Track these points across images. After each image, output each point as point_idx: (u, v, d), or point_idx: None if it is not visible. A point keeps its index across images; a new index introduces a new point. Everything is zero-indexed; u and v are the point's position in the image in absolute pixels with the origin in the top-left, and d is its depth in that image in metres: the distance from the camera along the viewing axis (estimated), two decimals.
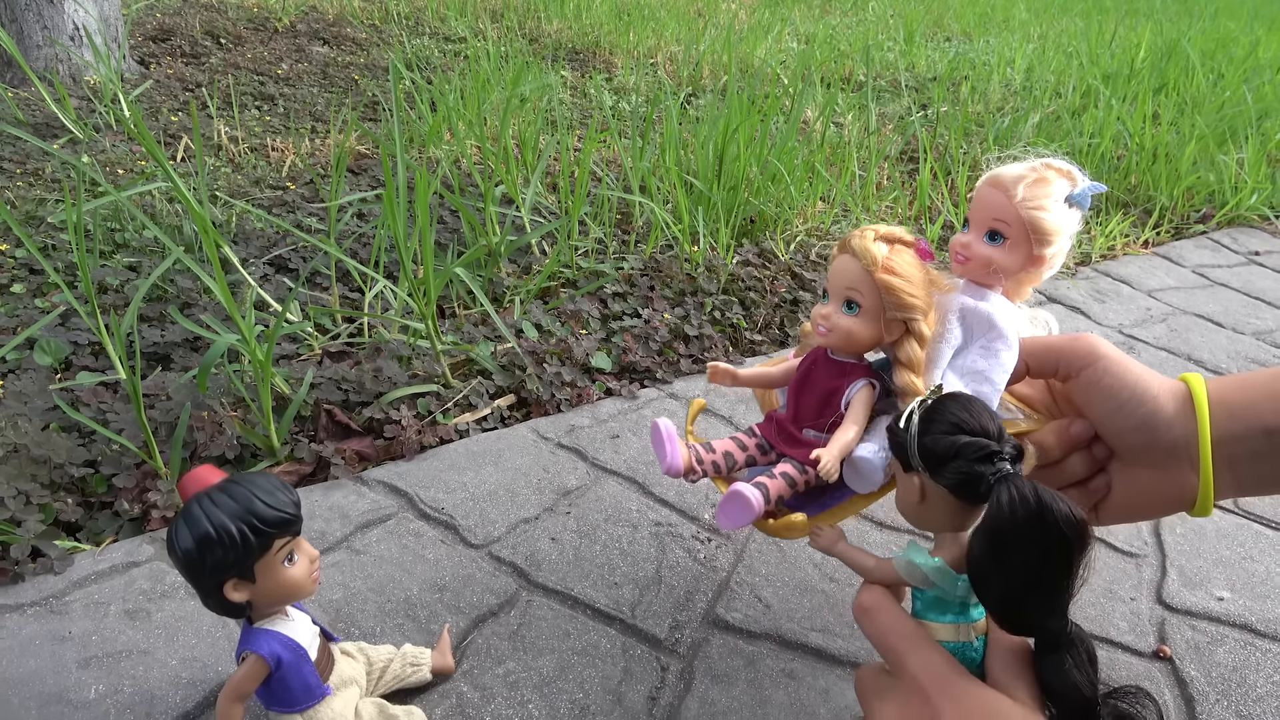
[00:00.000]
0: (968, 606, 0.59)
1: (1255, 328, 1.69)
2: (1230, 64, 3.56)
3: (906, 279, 0.66)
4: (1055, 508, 0.50)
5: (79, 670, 0.73)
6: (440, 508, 0.97)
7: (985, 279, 0.71)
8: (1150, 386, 0.63)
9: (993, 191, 0.69)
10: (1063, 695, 0.53)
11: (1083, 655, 0.54)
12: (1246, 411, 0.61)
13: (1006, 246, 0.69)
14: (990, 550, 0.52)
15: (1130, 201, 2.31)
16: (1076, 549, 0.50)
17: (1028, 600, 0.52)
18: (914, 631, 0.58)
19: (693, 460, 0.72)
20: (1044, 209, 0.68)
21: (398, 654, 0.74)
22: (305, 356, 1.25)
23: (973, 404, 0.57)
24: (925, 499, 0.58)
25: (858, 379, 0.69)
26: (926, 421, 0.57)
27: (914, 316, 0.67)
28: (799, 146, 1.93)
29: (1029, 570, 0.51)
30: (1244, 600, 0.95)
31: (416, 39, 3.35)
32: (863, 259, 0.65)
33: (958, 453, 0.54)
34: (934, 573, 0.58)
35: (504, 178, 1.64)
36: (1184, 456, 0.62)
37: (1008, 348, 0.68)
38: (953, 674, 0.55)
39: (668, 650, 0.81)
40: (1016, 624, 0.54)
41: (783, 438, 0.73)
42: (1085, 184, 0.70)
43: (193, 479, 0.60)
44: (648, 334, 1.35)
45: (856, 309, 0.67)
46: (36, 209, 1.61)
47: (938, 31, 4.85)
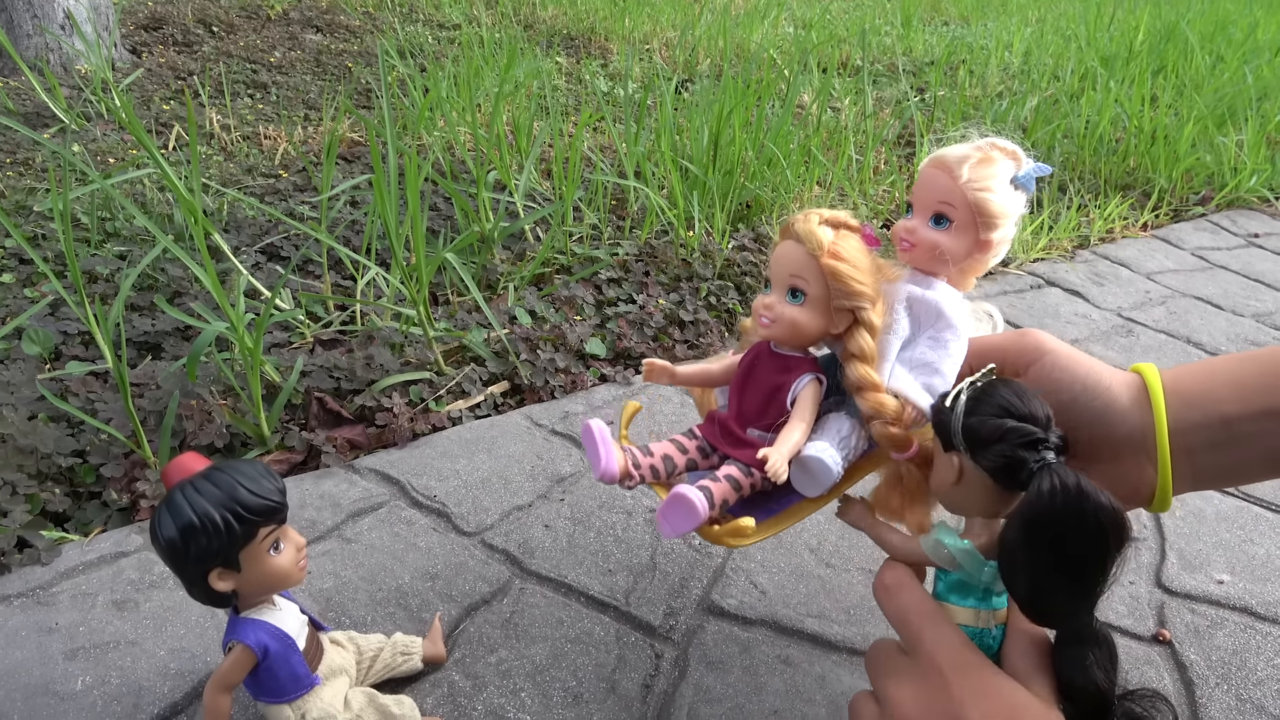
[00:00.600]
0: (991, 593, 0.57)
1: (1255, 310, 1.68)
2: (1229, 45, 3.54)
3: (854, 265, 0.62)
4: (1097, 500, 0.49)
5: (66, 661, 0.73)
6: (432, 495, 0.96)
7: (931, 266, 0.67)
8: (1102, 378, 0.61)
9: (937, 173, 0.65)
10: (1080, 691, 0.52)
11: (1105, 653, 0.52)
12: (1204, 400, 0.59)
13: (953, 230, 0.65)
14: (1025, 538, 0.50)
15: (1129, 184, 2.29)
16: (1114, 544, 0.49)
17: (1058, 592, 0.51)
18: (935, 611, 0.57)
19: (629, 464, 0.66)
20: (990, 190, 0.64)
21: (388, 643, 0.73)
22: (297, 344, 1.24)
23: (1025, 391, 0.55)
24: (962, 480, 0.56)
25: (803, 374, 0.66)
26: (974, 401, 0.55)
27: (862, 305, 0.63)
28: (795, 130, 1.91)
29: (1062, 561, 0.49)
30: (1244, 583, 0.94)
31: (410, 26, 3.33)
32: (808, 243, 0.62)
33: (1003, 436, 0.53)
34: (962, 555, 0.56)
35: (497, 164, 1.63)
36: (1140, 448, 0.60)
37: (956, 337, 0.65)
38: (971, 658, 0.54)
39: (662, 637, 0.81)
40: (1043, 615, 0.53)
41: (725, 438, 0.69)
42: (1030, 165, 0.67)
43: (177, 466, 0.59)
44: (642, 320, 1.34)
45: (801, 297, 0.63)
46: (26, 198, 1.59)
47: (935, 15, 4.82)
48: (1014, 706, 0.51)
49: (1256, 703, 0.79)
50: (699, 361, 0.73)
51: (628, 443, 0.70)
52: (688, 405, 1.16)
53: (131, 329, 1.21)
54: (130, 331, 1.21)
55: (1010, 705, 0.51)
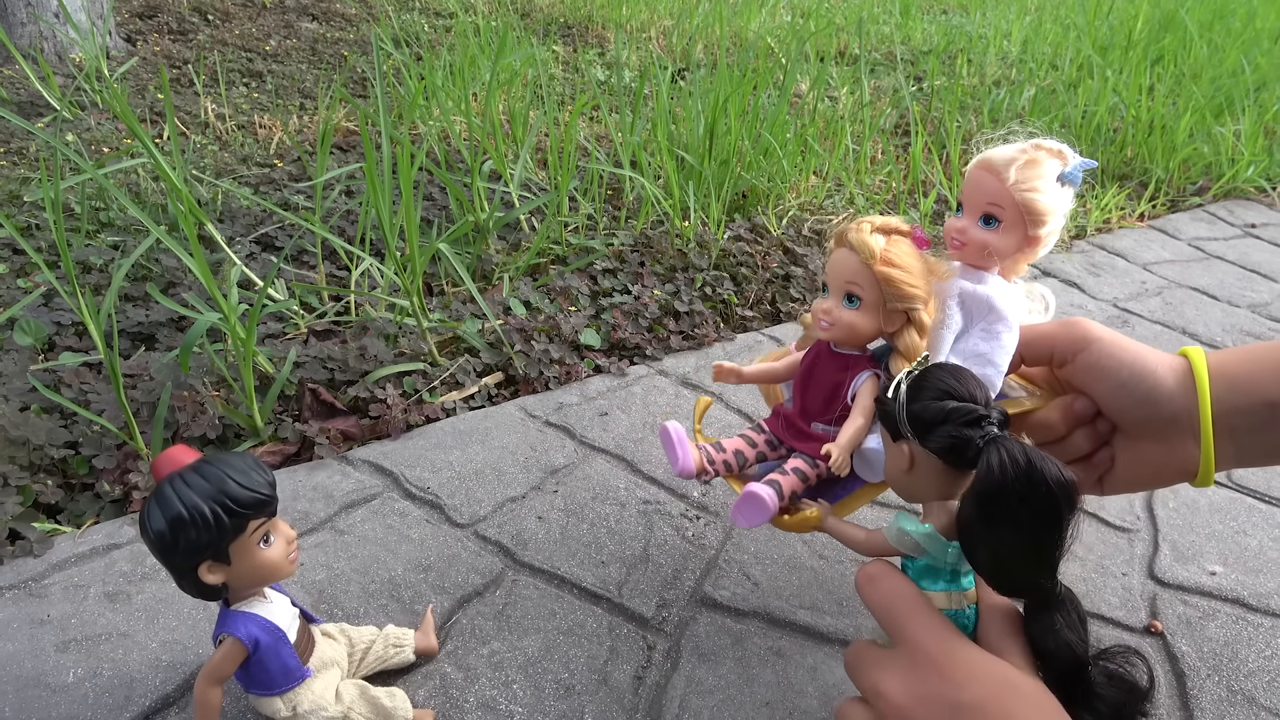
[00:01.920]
0: (959, 574, 0.59)
1: (1250, 300, 1.68)
2: (1228, 35, 3.52)
3: (905, 269, 0.66)
4: (1044, 468, 0.50)
5: (57, 654, 0.73)
6: (426, 487, 0.96)
7: (982, 262, 0.71)
8: (1149, 362, 0.64)
9: (985, 175, 0.69)
10: (1054, 655, 0.54)
11: (1073, 616, 0.55)
12: (1248, 384, 0.61)
13: (1002, 230, 0.69)
14: (980, 512, 0.52)
15: (1126, 174, 2.29)
16: (1065, 509, 0.51)
17: (1018, 561, 0.52)
18: (918, 598, 0.58)
19: (704, 461, 0.73)
20: (1037, 190, 0.67)
21: (380, 635, 0.73)
22: (291, 335, 1.23)
23: (960, 372, 0.57)
24: (914, 467, 0.58)
25: (862, 370, 0.70)
26: (915, 389, 0.57)
27: (914, 306, 0.67)
28: (791, 120, 1.91)
29: (1019, 531, 0.51)
30: (1236, 575, 0.94)
31: (406, 14, 3.31)
32: (861, 252, 0.65)
33: (946, 417, 0.55)
34: (924, 539, 0.58)
35: (493, 153, 1.62)
36: (1186, 429, 0.62)
37: (1008, 329, 0.68)
38: (958, 640, 0.55)
39: (654, 629, 0.81)
40: (1007, 585, 0.55)
41: (791, 433, 0.74)
42: (1076, 161, 0.70)
43: (166, 459, 0.59)
44: (637, 310, 1.34)
45: (857, 302, 0.67)
46: (19, 188, 1.59)
47: (934, 4, 4.80)
48: (1007, 684, 0.52)
49: (1247, 694, 0.79)
50: (763, 361, 0.78)
51: (702, 437, 0.76)
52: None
53: (125, 319, 1.21)
54: (124, 322, 1.20)
55: (1003, 683, 0.52)
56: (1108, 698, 0.53)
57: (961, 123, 2.36)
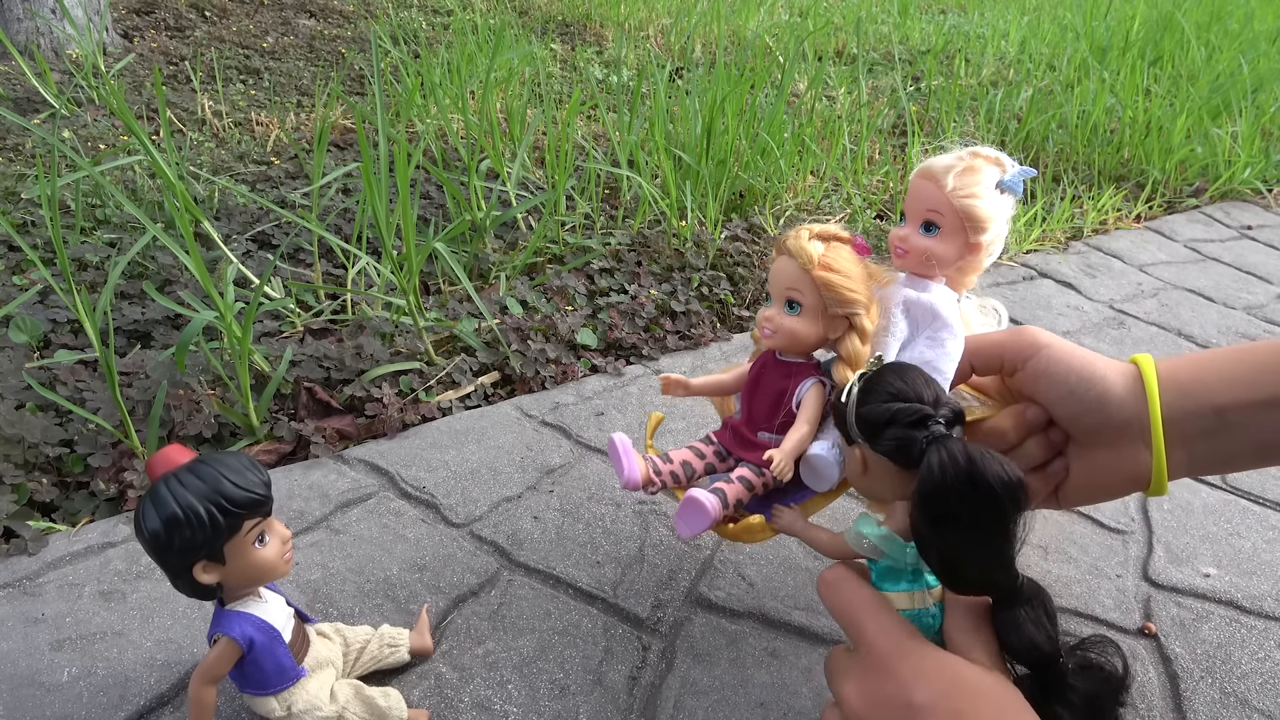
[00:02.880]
0: (920, 573, 0.59)
1: (1246, 303, 1.68)
2: (1226, 36, 3.53)
3: (844, 274, 0.67)
4: (985, 466, 0.50)
5: (52, 652, 0.73)
6: (422, 486, 0.96)
7: (925, 270, 0.71)
8: (1097, 369, 0.64)
9: (924, 183, 0.70)
10: (1021, 652, 0.54)
11: (1039, 611, 0.54)
12: (1197, 389, 0.61)
13: (942, 236, 0.70)
14: (924, 513, 0.52)
15: (1123, 175, 2.29)
16: (1009, 507, 0.50)
17: (966, 560, 0.52)
18: (875, 601, 0.58)
19: (650, 472, 0.72)
20: (976, 196, 0.68)
21: (375, 635, 0.73)
22: (288, 334, 1.23)
23: (909, 372, 0.57)
24: (868, 470, 0.58)
25: (806, 377, 0.70)
26: (865, 393, 0.57)
27: (855, 311, 0.68)
28: (789, 119, 1.91)
29: (963, 530, 0.51)
30: (1230, 577, 0.94)
31: (404, 11, 3.30)
32: (799, 258, 0.67)
33: (891, 419, 0.55)
34: (881, 541, 0.58)
35: (490, 151, 1.62)
36: (1137, 435, 0.62)
37: (953, 336, 0.69)
38: (911, 640, 0.55)
39: (649, 629, 0.81)
40: (961, 583, 0.55)
41: (738, 442, 0.74)
42: (1015, 170, 0.71)
43: (161, 459, 0.59)
44: (634, 310, 1.34)
45: (798, 308, 0.68)
46: (15, 185, 1.58)
47: (933, 4, 4.80)
48: (957, 680, 0.52)
49: (1241, 696, 0.79)
50: (712, 374, 0.79)
51: (653, 452, 0.76)
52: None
53: (121, 317, 1.20)
54: (119, 320, 1.20)
55: (953, 679, 0.52)
56: (1081, 689, 0.53)
57: (959, 123, 2.37)
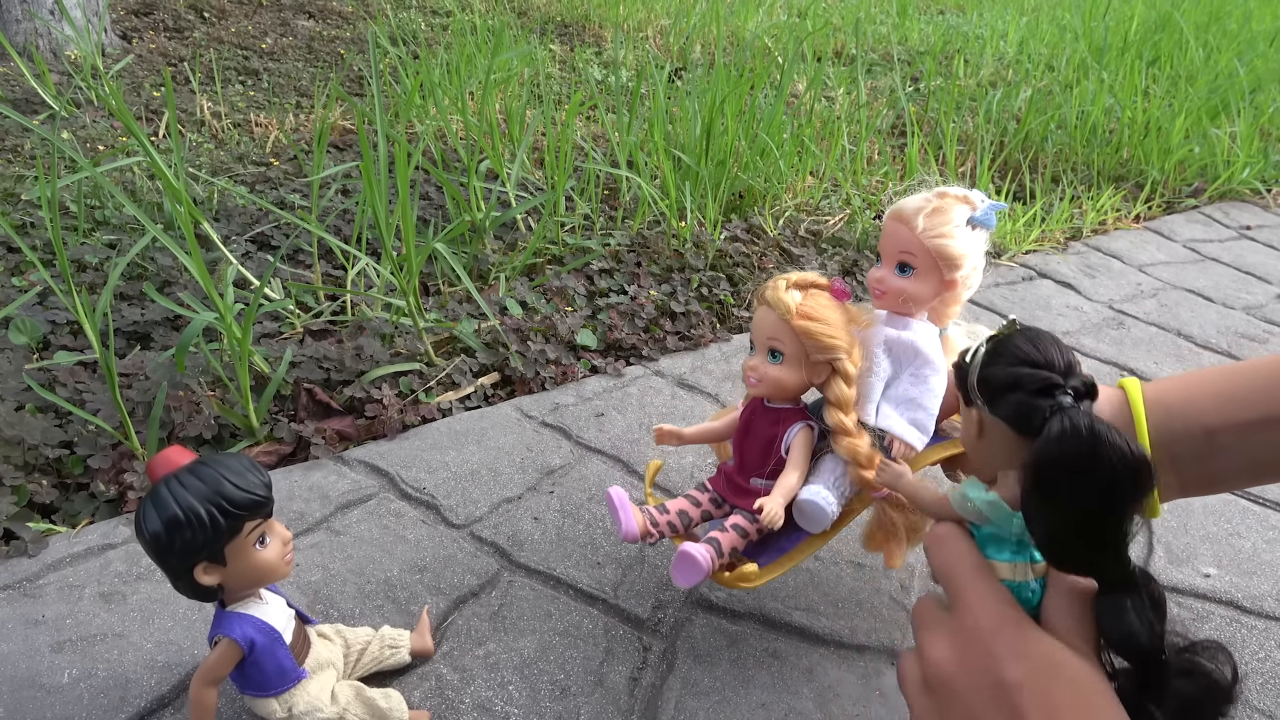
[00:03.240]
0: (1025, 545, 0.56)
1: (1245, 303, 1.68)
2: (1224, 36, 3.53)
3: (823, 321, 0.69)
4: (1111, 441, 0.47)
5: (52, 654, 0.73)
6: (422, 488, 0.96)
7: (903, 309, 0.73)
8: None
9: (896, 225, 0.72)
10: (1117, 641, 0.50)
11: (1144, 601, 0.50)
12: (1186, 412, 0.60)
13: (917, 276, 0.71)
14: (1035, 482, 0.49)
15: (1122, 175, 2.29)
16: (1130, 489, 0.48)
17: (1073, 538, 0.49)
18: (980, 565, 0.56)
19: (648, 524, 0.74)
20: (947, 236, 0.70)
21: (376, 636, 0.73)
22: (287, 335, 1.23)
23: (1040, 338, 0.54)
24: (983, 434, 0.55)
25: (794, 423, 0.72)
26: (992, 355, 0.54)
27: (836, 356, 0.70)
28: (788, 120, 1.91)
29: (1074, 505, 0.48)
30: (1230, 577, 0.94)
31: (403, 12, 3.30)
32: (777, 308, 0.69)
33: (1016, 384, 0.52)
34: (987, 506, 0.56)
35: (489, 152, 1.62)
36: None
37: (935, 372, 0.71)
38: (1012, 614, 0.53)
39: (650, 630, 0.81)
40: (1062, 561, 0.52)
41: (731, 489, 0.77)
42: (985, 205, 0.72)
43: (162, 460, 0.59)
44: (634, 311, 1.34)
45: (780, 357, 0.70)
46: (14, 186, 1.58)
47: (932, 4, 4.80)
48: (1054, 664, 0.50)
49: (1241, 697, 0.79)
50: (703, 422, 0.82)
51: (652, 500, 0.79)
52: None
53: (120, 318, 1.20)
54: (119, 321, 1.20)
55: (1051, 662, 0.50)
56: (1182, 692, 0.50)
57: (958, 123, 2.37)
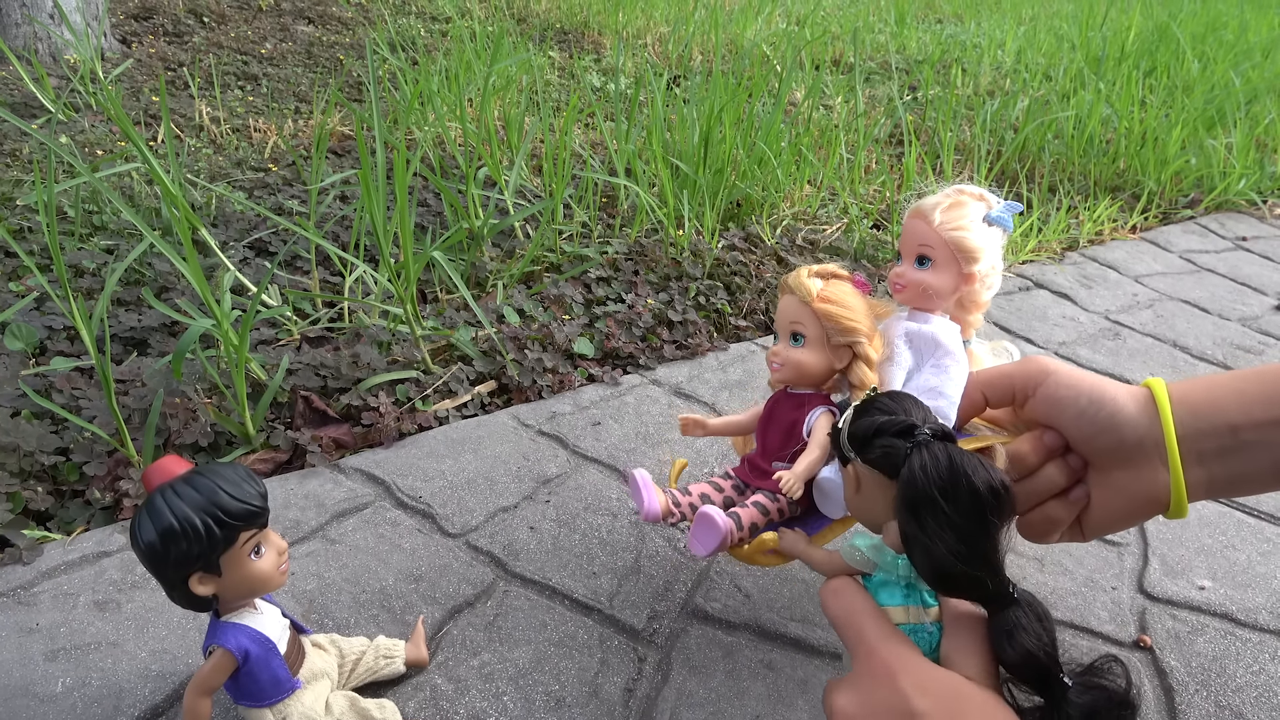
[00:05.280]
0: (915, 589, 0.60)
1: (1241, 314, 1.69)
2: (1220, 46, 3.54)
3: (844, 305, 0.71)
4: (965, 465, 0.52)
5: (46, 663, 0.72)
6: (418, 496, 0.96)
7: (924, 304, 0.75)
8: (1107, 390, 0.65)
9: (915, 221, 0.74)
10: (1018, 662, 0.54)
11: (1031, 618, 0.54)
12: (1210, 409, 0.62)
13: (935, 269, 0.74)
14: (910, 512, 0.53)
15: (1119, 186, 2.30)
16: (991, 508, 0.52)
17: (952, 560, 0.53)
18: (876, 611, 0.59)
19: (670, 504, 0.75)
20: (964, 229, 0.72)
21: (371, 646, 0.73)
22: (284, 341, 1.23)
23: (900, 395, 0.60)
24: (861, 487, 0.60)
25: (817, 406, 0.74)
26: (858, 412, 0.60)
27: (857, 340, 0.72)
28: (786, 129, 1.91)
29: (947, 527, 0.52)
30: (1225, 589, 0.94)
31: (402, 18, 3.31)
32: (798, 292, 0.72)
33: (878, 430, 0.57)
34: (872, 551, 0.60)
35: (487, 159, 1.62)
36: (1153, 454, 0.62)
37: (956, 362, 0.72)
38: (913, 653, 0.56)
39: (645, 641, 0.81)
40: (948, 586, 0.55)
41: (753, 473, 0.78)
42: (1001, 205, 0.75)
43: (157, 469, 0.58)
44: (631, 319, 1.34)
45: (801, 340, 0.72)
46: (12, 190, 1.58)
47: (929, 13, 4.82)
48: (959, 694, 0.53)
49: (1235, 709, 0.80)
50: (729, 415, 0.83)
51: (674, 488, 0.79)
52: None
53: (117, 324, 1.20)
54: (116, 327, 1.20)
55: (956, 693, 0.53)
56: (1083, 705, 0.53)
57: (954, 133, 2.37)
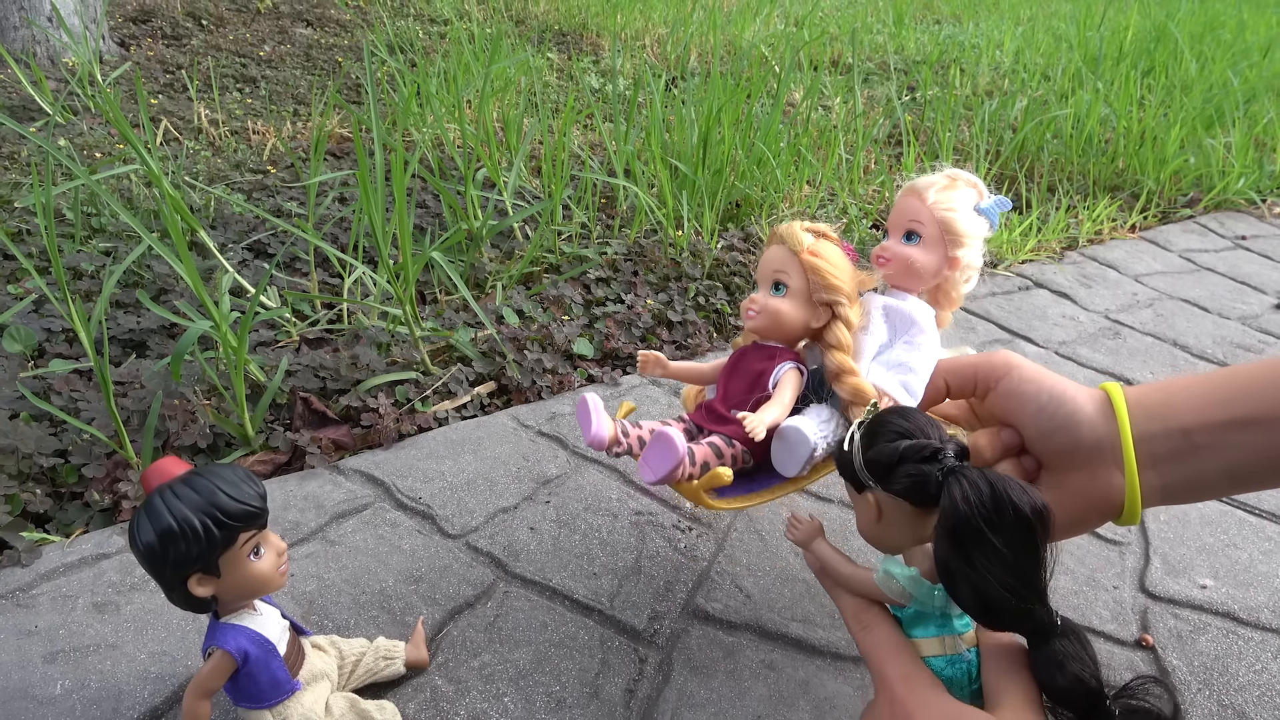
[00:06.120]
0: (949, 617, 0.59)
1: (1241, 313, 1.69)
2: (1218, 46, 3.55)
3: (832, 262, 0.71)
4: (1008, 491, 0.50)
5: (45, 665, 0.72)
6: (418, 497, 0.96)
7: (906, 282, 0.75)
8: (1068, 390, 0.65)
9: (908, 198, 0.75)
10: (1066, 691, 0.52)
11: (1076, 645, 0.53)
12: (1164, 412, 0.62)
13: (923, 245, 0.74)
14: (953, 546, 0.51)
15: (1118, 185, 2.30)
16: (1039, 529, 0.50)
17: (1001, 592, 0.51)
18: (903, 646, 0.58)
19: (619, 433, 0.71)
20: (955, 210, 0.73)
21: (371, 647, 0.73)
22: (284, 343, 1.23)
23: (909, 412, 0.58)
24: (883, 515, 0.58)
25: (785, 360, 0.72)
26: (869, 437, 0.57)
27: (839, 299, 0.71)
28: (785, 129, 1.91)
29: (994, 560, 0.50)
30: (1227, 588, 0.94)
31: (401, 20, 3.31)
32: (789, 241, 0.71)
33: (902, 456, 0.55)
34: (909, 582, 0.57)
35: (486, 161, 1.62)
36: (1109, 458, 0.62)
37: (928, 340, 0.72)
38: (932, 690, 0.55)
39: (646, 641, 0.80)
40: (996, 618, 0.53)
41: (711, 418, 0.75)
42: (991, 199, 0.75)
43: (156, 470, 0.58)
44: (630, 320, 1.34)
45: (784, 289, 0.71)
46: (10, 193, 1.58)
47: (927, 13, 4.82)
48: None
49: (1238, 709, 0.79)
50: (690, 362, 0.79)
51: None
52: (677, 405, 1.17)
53: (116, 326, 1.20)
54: (114, 329, 1.20)
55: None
56: None
57: (953, 132, 2.37)
